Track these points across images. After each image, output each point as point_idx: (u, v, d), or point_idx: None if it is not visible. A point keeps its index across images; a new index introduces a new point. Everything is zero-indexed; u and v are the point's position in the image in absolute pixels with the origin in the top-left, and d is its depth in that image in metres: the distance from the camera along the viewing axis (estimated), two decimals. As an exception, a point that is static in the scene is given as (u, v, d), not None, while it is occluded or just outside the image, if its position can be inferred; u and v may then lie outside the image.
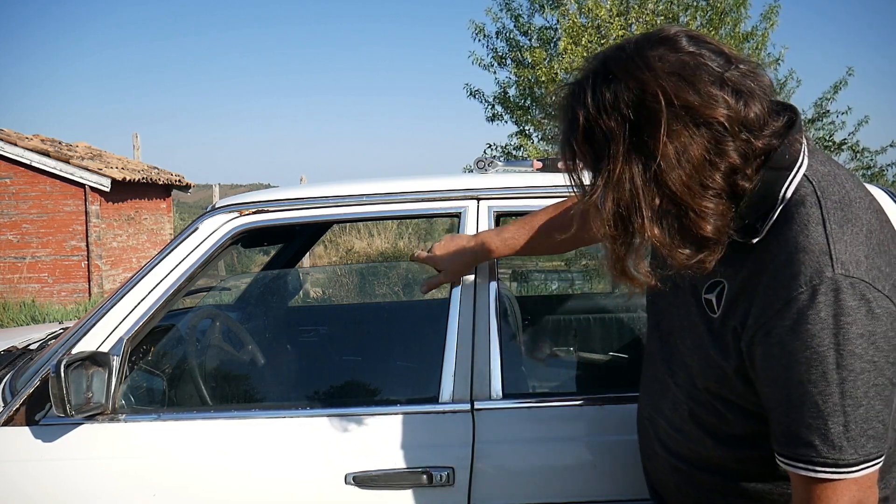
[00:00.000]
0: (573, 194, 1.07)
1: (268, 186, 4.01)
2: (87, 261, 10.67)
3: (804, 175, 1.00)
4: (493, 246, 1.59)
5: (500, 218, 1.76)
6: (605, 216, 0.98)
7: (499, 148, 10.40)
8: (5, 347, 2.27)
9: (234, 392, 2.20)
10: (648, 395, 1.28)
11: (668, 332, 1.20)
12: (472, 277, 1.66)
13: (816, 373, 0.92)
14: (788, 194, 0.99)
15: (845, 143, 10.15)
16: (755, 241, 1.00)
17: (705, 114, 0.93)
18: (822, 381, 0.92)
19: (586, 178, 1.04)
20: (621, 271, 1.03)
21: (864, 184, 1.16)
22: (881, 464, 0.95)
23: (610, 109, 0.96)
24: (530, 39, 10.10)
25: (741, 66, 0.97)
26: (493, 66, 10.28)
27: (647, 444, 1.29)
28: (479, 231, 1.67)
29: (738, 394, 1.06)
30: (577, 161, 1.02)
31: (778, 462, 1.00)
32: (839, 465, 0.93)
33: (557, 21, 9.52)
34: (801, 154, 1.00)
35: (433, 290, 1.70)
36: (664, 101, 0.93)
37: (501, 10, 10.13)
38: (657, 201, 0.96)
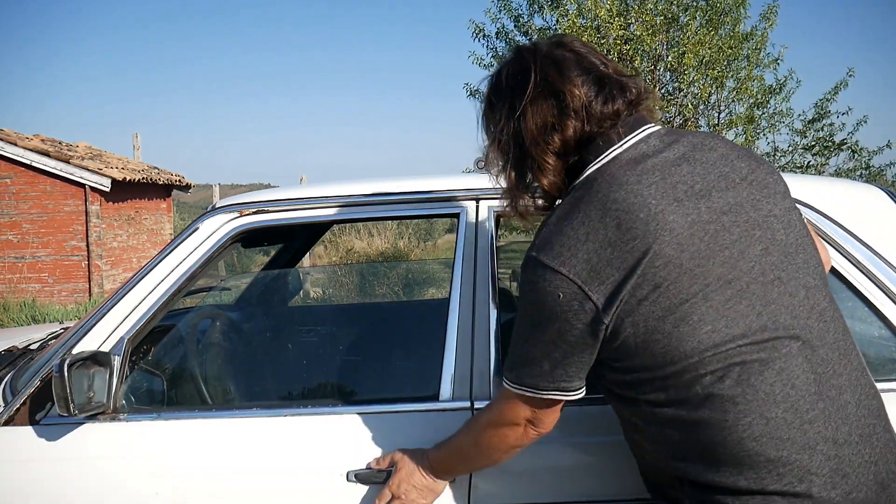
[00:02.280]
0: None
1: (268, 186, 4.01)
2: (88, 261, 10.68)
3: (587, 175, 1.23)
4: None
5: (500, 218, 1.76)
6: (492, 159, 1.32)
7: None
8: (5, 347, 2.27)
9: (235, 391, 2.20)
10: None
11: None
12: (471, 276, 1.67)
13: (517, 313, 1.25)
14: (575, 184, 1.25)
15: (845, 144, 10.14)
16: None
17: (557, 87, 1.22)
18: (516, 320, 1.25)
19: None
20: (507, 205, 1.36)
21: (859, 185, 1.19)
22: (534, 395, 1.25)
23: (502, 80, 1.29)
24: (530, 39, 10.10)
25: (612, 72, 1.25)
26: (493, 65, 10.28)
27: None
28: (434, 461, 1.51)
29: None
30: (487, 123, 1.33)
31: None
32: (506, 377, 1.29)
33: (557, 21, 9.52)
34: (599, 159, 1.22)
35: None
36: (534, 76, 1.23)
37: (500, 10, 10.13)
38: (516, 150, 1.26)
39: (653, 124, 1.26)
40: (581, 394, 1.26)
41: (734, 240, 1.14)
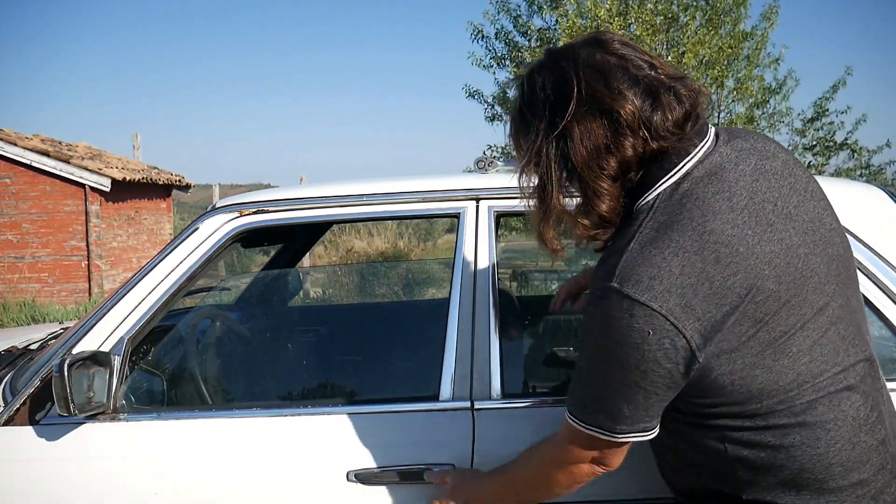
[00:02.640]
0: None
1: (268, 186, 4.01)
2: (87, 261, 10.67)
3: (658, 193, 1.11)
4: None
5: (500, 218, 1.76)
6: (528, 185, 1.17)
7: (499, 148, 10.40)
8: (5, 347, 2.27)
9: (235, 391, 2.20)
10: None
11: None
12: (471, 276, 1.67)
13: (583, 350, 1.16)
14: (639, 205, 1.12)
15: (845, 143, 10.14)
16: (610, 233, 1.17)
17: (608, 104, 1.08)
18: (583, 357, 1.16)
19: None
20: (538, 237, 1.20)
21: (859, 185, 1.18)
22: (609, 438, 1.14)
23: (537, 92, 1.13)
24: (529, 40, 10.09)
25: (664, 77, 1.11)
26: (492, 66, 10.28)
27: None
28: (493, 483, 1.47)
29: None
30: (517, 139, 1.18)
31: None
32: (572, 414, 1.18)
33: (556, 21, 9.51)
34: (668, 175, 1.11)
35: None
36: (576, 88, 1.09)
37: (499, 12, 10.12)
38: (563, 174, 1.12)
39: (709, 125, 1.18)
40: (656, 431, 1.16)
41: (819, 262, 1.10)
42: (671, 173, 1.11)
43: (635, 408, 1.10)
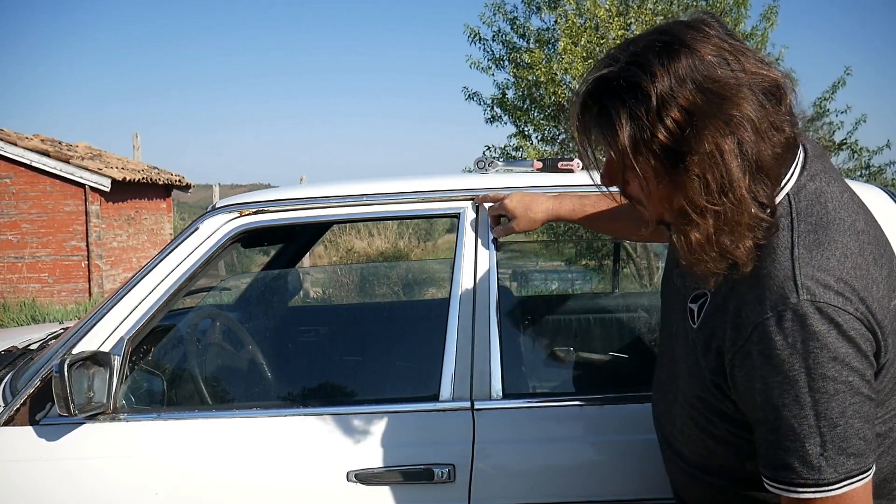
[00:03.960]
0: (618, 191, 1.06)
1: (268, 186, 4.01)
2: (87, 261, 10.67)
3: (786, 194, 0.99)
4: (572, 207, 1.62)
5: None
6: (696, 200, 0.92)
7: (498, 149, 10.40)
8: (5, 347, 2.27)
9: (235, 391, 2.20)
10: (659, 396, 1.28)
11: (669, 335, 1.21)
12: (471, 276, 1.67)
13: (789, 397, 0.93)
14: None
15: (845, 144, 10.14)
16: None
17: (767, 79, 0.93)
18: (796, 404, 0.93)
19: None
20: (721, 250, 0.95)
21: (859, 185, 1.16)
22: (868, 478, 0.95)
23: (689, 82, 0.90)
24: (528, 41, 10.09)
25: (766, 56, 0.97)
26: (490, 68, 10.28)
27: (660, 443, 1.29)
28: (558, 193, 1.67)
29: (720, 403, 1.06)
30: (642, 146, 0.93)
31: (763, 481, 1.00)
32: (819, 485, 0.93)
33: (556, 21, 9.51)
34: (790, 171, 1.00)
35: (505, 235, 1.71)
36: (738, 67, 0.91)
37: (495, 14, 10.12)
38: (747, 172, 0.91)
39: None
40: None
41: None
42: (791, 170, 1.00)
43: (871, 425, 0.95)
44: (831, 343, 0.91)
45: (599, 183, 1.08)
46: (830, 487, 0.93)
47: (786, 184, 0.99)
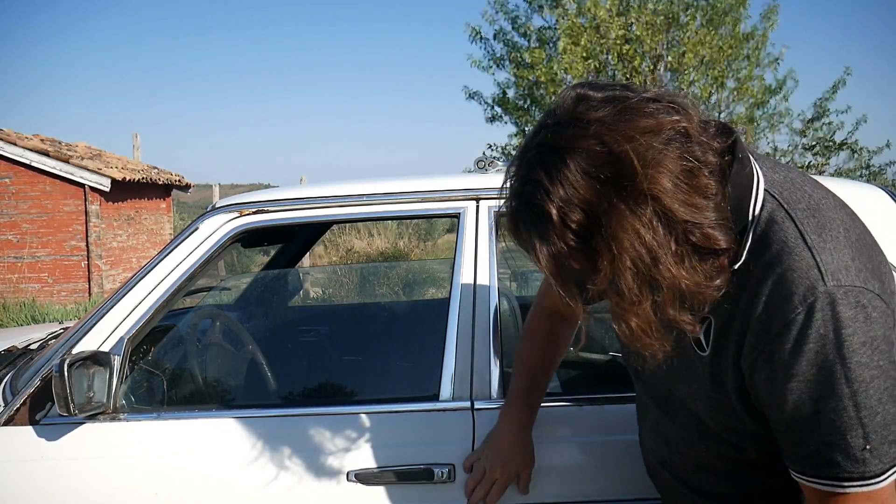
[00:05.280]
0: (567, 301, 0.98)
1: (268, 186, 4.01)
2: (87, 261, 10.67)
3: (765, 190, 0.98)
4: (529, 408, 1.49)
5: (501, 218, 1.76)
6: (627, 289, 0.90)
7: (499, 148, 10.41)
8: (5, 347, 2.27)
9: (235, 391, 2.20)
10: (654, 440, 1.23)
11: (656, 383, 1.17)
12: (471, 276, 1.67)
13: (826, 389, 0.90)
14: (757, 210, 0.96)
15: (845, 144, 10.14)
16: (735, 266, 0.96)
17: (664, 129, 0.89)
18: (833, 397, 0.90)
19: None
20: (660, 330, 0.94)
21: (860, 185, 1.15)
22: None
23: (581, 183, 0.88)
24: (528, 41, 10.10)
25: (655, 91, 0.95)
26: (491, 68, 10.28)
27: (666, 485, 1.24)
28: (503, 417, 1.51)
29: (749, 424, 1.03)
30: (561, 258, 0.92)
31: (795, 477, 0.98)
32: (866, 478, 0.91)
33: (557, 21, 9.52)
34: (754, 168, 0.98)
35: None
36: (625, 140, 0.88)
37: (497, 12, 10.12)
38: (673, 241, 0.89)
39: None
40: None
41: None
42: (753, 169, 0.98)
43: None
44: (860, 327, 0.89)
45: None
46: (876, 480, 0.91)
47: (758, 182, 0.98)
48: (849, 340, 0.89)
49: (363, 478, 1.54)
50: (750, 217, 0.97)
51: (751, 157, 0.99)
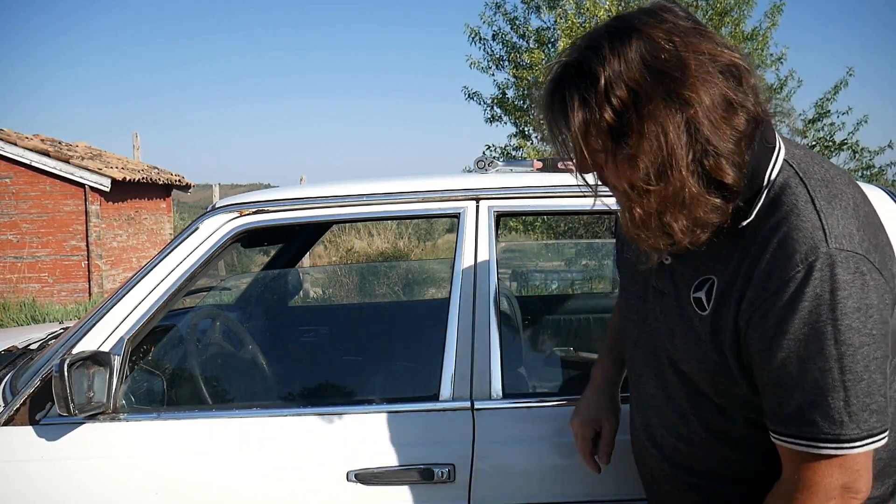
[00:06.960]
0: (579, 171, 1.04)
1: (268, 186, 4.01)
2: (87, 261, 10.67)
3: (784, 159, 1.02)
4: (612, 368, 1.46)
5: (500, 218, 1.76)
6: (641, 175, 0.95)
7: (498, 149, 10.40)
8: (5, 347, 2.27)
9: (235, 391, 2.20)
10: (644, 416, 1.22)
11: (651, 345, 1.17)
12: (471, 277, 1.67)
13: (815, 349, 0.92)
14: (773, 175, 1.01)
15: (845, 144, 10.14)
16: (745, 223, 1.01)
17: (723, 59, 0.95)
18: (820, 356, 0.92)
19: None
20: (656, 226, 0.99)
21: (860, 185, 1.17)
22: (884, 438, 0.95)
23: (637, 64, 0.94)
24: (527, 41, 10.10)
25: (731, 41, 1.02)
26: (490, 68, 10.28)
27: (652, 465, 1.23)
28: (592, 373, 1.49)
29: (744, 388, 1.04)
30: (592, 127, 0.96)
31: (773, 439, 0.99)
32: (841, 440, 0.93)
33: (555, 22, 9.51)
34: (777, 139, 1.04)
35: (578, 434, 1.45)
36: (689, 49, 0.94)
37: (495, 13, 10.12)
38: (690, 154, 0.94)
39: None
40: None
41: None
42: (776, 140, 1.04)
43: (888, 382, 0.95)
44: (856, 293, 0.91)
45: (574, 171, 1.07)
46: (851, 444, 0.93)
47: (779, 151, 1.02)
48: (843, 303, 0.91)
49: (363, 478, 1.54)
50: (766, 181, 1.01)
51: (776, 132, 1.04)
